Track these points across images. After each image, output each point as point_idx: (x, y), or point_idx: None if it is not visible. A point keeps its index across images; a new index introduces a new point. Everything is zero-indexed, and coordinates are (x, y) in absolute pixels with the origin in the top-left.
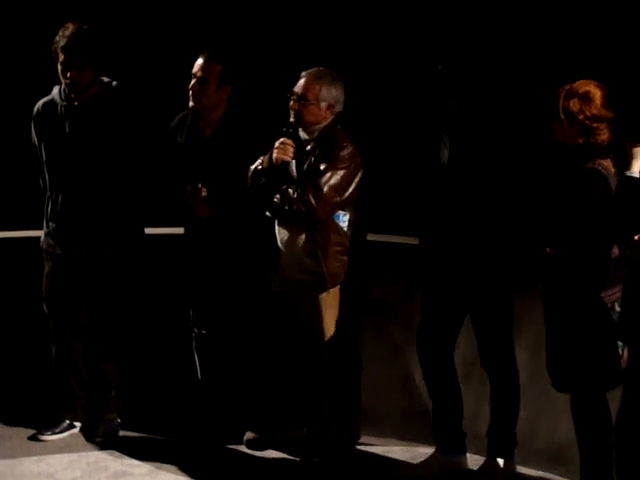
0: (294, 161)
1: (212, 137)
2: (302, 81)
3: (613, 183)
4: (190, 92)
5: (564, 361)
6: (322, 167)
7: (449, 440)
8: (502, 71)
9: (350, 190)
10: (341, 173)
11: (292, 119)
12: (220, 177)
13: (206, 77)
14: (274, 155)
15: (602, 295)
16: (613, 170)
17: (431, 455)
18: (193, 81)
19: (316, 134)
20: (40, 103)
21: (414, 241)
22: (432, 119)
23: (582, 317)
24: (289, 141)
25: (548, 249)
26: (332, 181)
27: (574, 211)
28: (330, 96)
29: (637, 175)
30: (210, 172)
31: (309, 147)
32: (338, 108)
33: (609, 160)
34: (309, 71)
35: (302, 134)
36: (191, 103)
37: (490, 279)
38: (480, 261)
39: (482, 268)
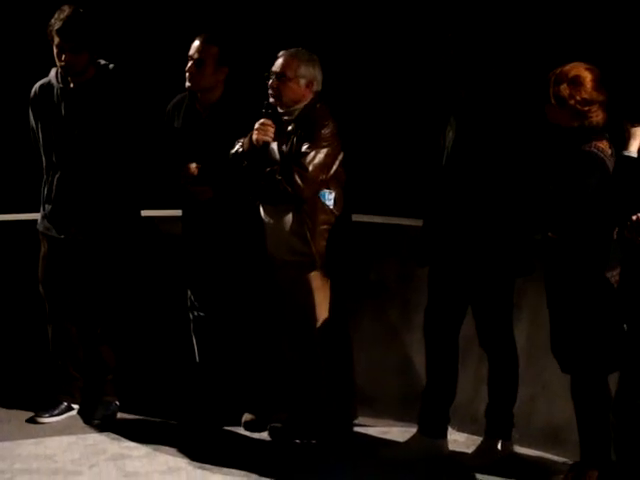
0: (275, 142)
1: (209, 119)
2: (280, 59)
3: (610, 164)
4: (187, 74)
5: (571, 343)
6: (305, 147)
7: (434, 423)
8: (509, 57)
9: (334, 168)
10: (324, 151)
11: (271, 98)
12: (217, 159)
13: (203, 59)
14: (254, 136)
15: (607, 275)
16: (610, 151)
17: (412, 437)
18: (190, 63)
19: (296, 114)
20: (37, 85)
21: (411, 222)
22: (440, 102)
23: (589, 299)
24: (269, 122)
25: (550, 233)
26: (316, 160)
27: (573, 195)
28: (308, 73)
29: (634, 155)
30: (208, 154)
31: (290, 127)
32: (316, 87)
33: (605, 141)
34: (286, 50)
35: (282, 115)
36: (187, 84)
37: (492, 262)
38: (483, 245)
39: (485, 251)
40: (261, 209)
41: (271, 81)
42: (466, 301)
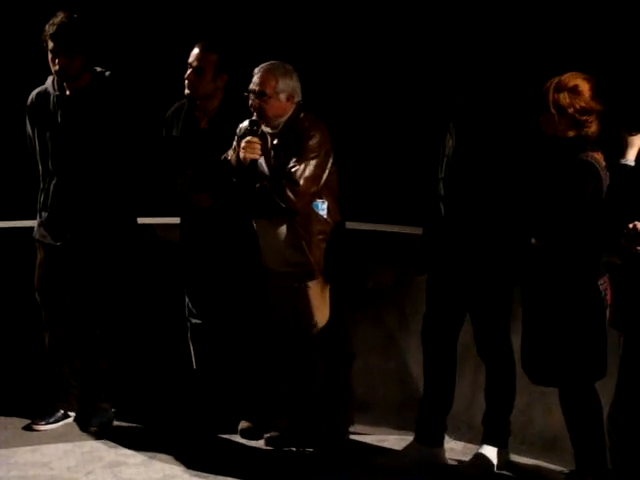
0: (262, 157)
1: (209, 127)
2: (257, 77)
3: (604, 176)
4: (186, 82)
5: (552, 354)
6: (294, 160)
7: (431, 431)
8: (507, 65)
9: (325, 176)
10: (313, 163)
11: (255, 116)
12: (216, 166)
13: (202, 66)
14: (242, 155)
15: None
16: (604, 163)
17: (409, 445)
18: (189, 71)
19: (280, 127)
20: (34, 93)
21: (409, 230)
22: (439, 110)
23: (576, 307)
24: (255, 139)
25: (534, 241)
26: (306, 173)
27: (567, 203)
28: (287, 87)
29: (632, 163)
30: (206, 161)
31: (276, 141)
32: (297, 98)
33: (600, 153)
34: (261, 66)
35: (266, 129)
36: (186, 91)
37: (491, 270)
38: (482, 252)
39: (483, 259)
40: (254, 224)
41: (251, 101)
42: (464, 309)
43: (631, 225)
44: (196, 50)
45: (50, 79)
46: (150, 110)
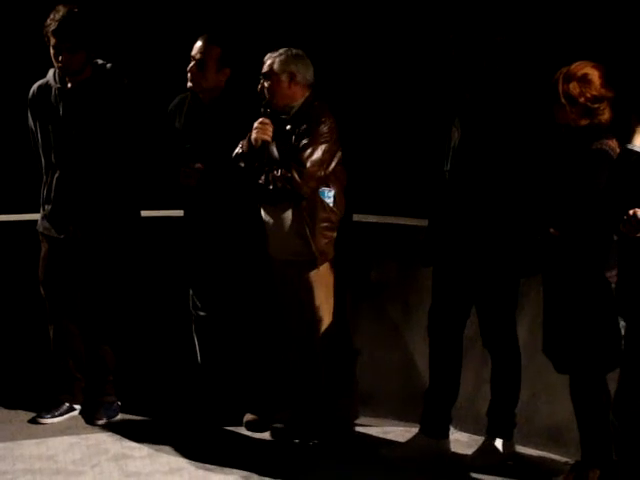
0: (275, 142)
1: (211, 119)
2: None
3: None
4: (189, 75)
5: (567, 343)
6: (303, 143)
7: (436, 423)
8: (510, 57)
9: (333, 164)
10: (323, 148)
11: (267, 98)
12: (220, 158)
13: (205, 60)
14: (253, 135)
15: (607, 275)
16: (618, 150)
17: (414, 436)
18: (192, 64)
19: (293, 112)
20: (35, 86)
21: (413, 222)
22: (444, 102)
23: (588, 298)
24: (267, 120)
25: (552, 230)
26: (314, 156)
27: (583, 191)
28: (287, 67)
29: (638, 149)
30: (210, 153)
31: (288, 127)
32: (301, 78)
33: (614, 140)
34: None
35: (280, 114)
36: (189, 84)
37: (497, 263)
38: (487, 245)
39: (489, 252)
40: (262, 210)
41: (260, 86)
42: (470, 301)
43: (631, 212)
44: (199, 43)
45: (51, 72)
46: (152, 103)
